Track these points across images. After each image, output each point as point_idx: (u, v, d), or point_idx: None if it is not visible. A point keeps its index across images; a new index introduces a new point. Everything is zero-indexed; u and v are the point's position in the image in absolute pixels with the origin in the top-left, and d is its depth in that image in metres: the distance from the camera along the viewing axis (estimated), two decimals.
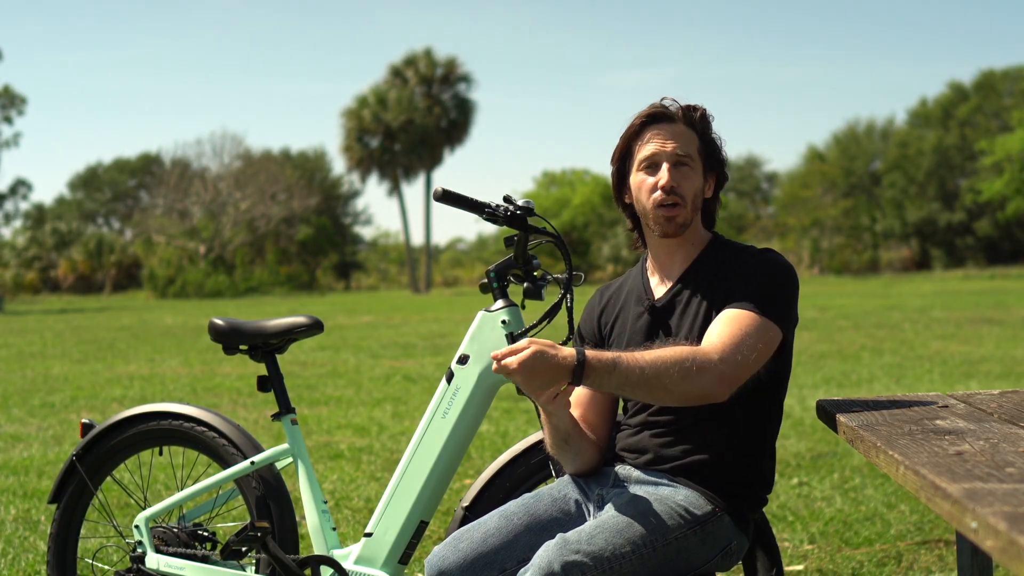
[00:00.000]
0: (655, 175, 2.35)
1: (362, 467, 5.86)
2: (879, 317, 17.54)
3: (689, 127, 2.37)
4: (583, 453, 2.41)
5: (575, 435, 2.39)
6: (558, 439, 2.39)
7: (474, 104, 48.68)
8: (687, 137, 2.36)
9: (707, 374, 2.16)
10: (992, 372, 9.28)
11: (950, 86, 53.87)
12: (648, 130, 2.37)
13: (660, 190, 2.33)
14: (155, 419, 3.14)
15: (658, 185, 2.33)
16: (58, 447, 6.73)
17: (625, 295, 2.50)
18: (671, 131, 2.36)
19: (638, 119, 2.39)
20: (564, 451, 2.41)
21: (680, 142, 2.35)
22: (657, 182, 2.34)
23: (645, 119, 2.38)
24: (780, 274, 2.31)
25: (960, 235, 51.85)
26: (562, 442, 2.39)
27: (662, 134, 2.36)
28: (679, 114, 2.37)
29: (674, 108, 2.38)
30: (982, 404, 2.32)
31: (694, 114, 2.37)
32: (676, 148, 2.34)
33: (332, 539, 2.87)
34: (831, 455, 5.83)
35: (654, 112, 2.37)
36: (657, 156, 2.35)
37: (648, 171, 2.37)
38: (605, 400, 2.48)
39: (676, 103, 2.39)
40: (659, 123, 2.37)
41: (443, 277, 56.95)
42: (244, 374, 10.72)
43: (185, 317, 25.05)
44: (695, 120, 2.37)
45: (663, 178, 2.33)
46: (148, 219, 54.62)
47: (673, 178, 2.33)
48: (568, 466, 2.44)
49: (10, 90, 46.37)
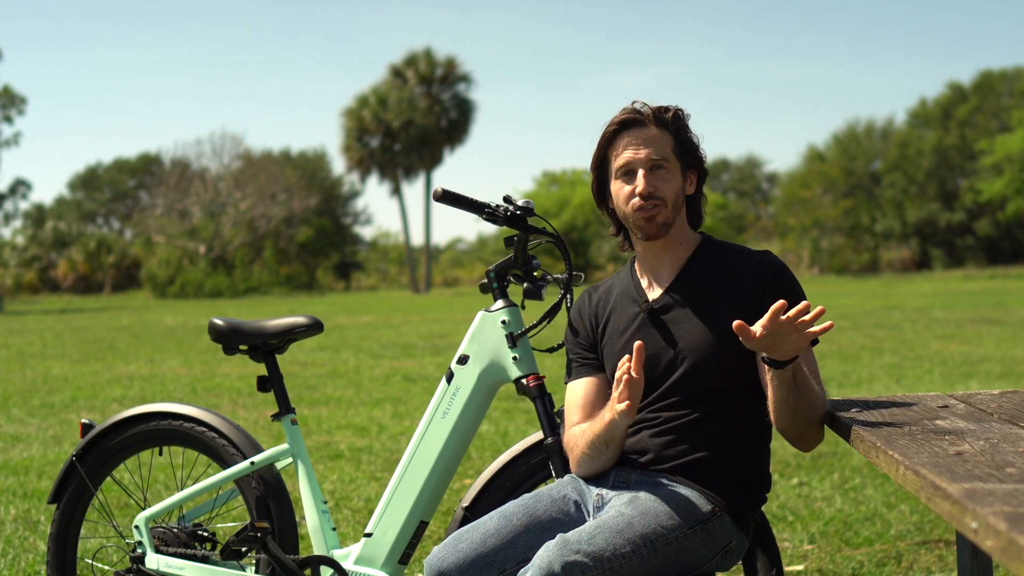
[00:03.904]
0: (632, 182, 2.36)
1: (362, 467, 5.86)
2: (879, 317, 17.54)
3: (662, 129, 2.37)
4: (611, 459, 2.38)
5: (620, 440, 2.36)
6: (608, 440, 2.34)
7: (474, 104, 48.65)
8: (661, 140, 2.36)
9: (825, 412, 2.26)
10: (992, 372, 9.28)
11: (949, 87, 53.84)
12: (621, 137, 2.38)
13: (638, 197, 2.34)
14: (155, 419, 3.14)
15: (635, 192, 2.34)
16: (58, 447, 6.73)
17: (615, 296, 2.49)
18: (644, 136, 2.36)
19: (610, 127, 2.39)
20: (602, 454, 2.37)
21: (654, 146, 2.35)
22: (634, 189, 2.35)
23: (617, 126, 2.38)
24: (799, 287, 2.36)
25: (960, 235, 51.84)
26: (605, 445, 2.35)
27: (635, 141, 2.36)
28: (650, 117, 2.37)
29: (645, 111, 2.38)
30: (982, 404, 2.32)
31: (666, 115, 2.38)
32: (650, 153, 2.35)
33: (332, 539, 2.87)
34: (831, 455, 5.83)
35: (625, 119, 2.38)
36: (632, 163, 2.36)
37: (625, 179, 2.38)
38: (604, 399, 2.48)
39: (647, 106, 2.39)
40: (631, 129, 2.37)
41: (443, 277, 56.93)
42: (244, 374, 10.72)
43: (185, 317, 25.05)
44: (667, 121, 2.38)
45: (639, 185, 2.34)
46: (148, 219, 54.58)
47: (650, 183, 2.34)
48: (591, 467, 2.40)
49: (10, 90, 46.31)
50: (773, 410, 2.21)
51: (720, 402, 2.33)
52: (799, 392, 2.17)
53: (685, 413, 2.34)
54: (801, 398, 2.17)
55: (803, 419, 2.21)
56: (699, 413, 2.33)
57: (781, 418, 2.21)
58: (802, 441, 2.28)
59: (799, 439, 2.27)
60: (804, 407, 2.19)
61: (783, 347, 2.09)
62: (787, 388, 2.16)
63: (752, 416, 2.34)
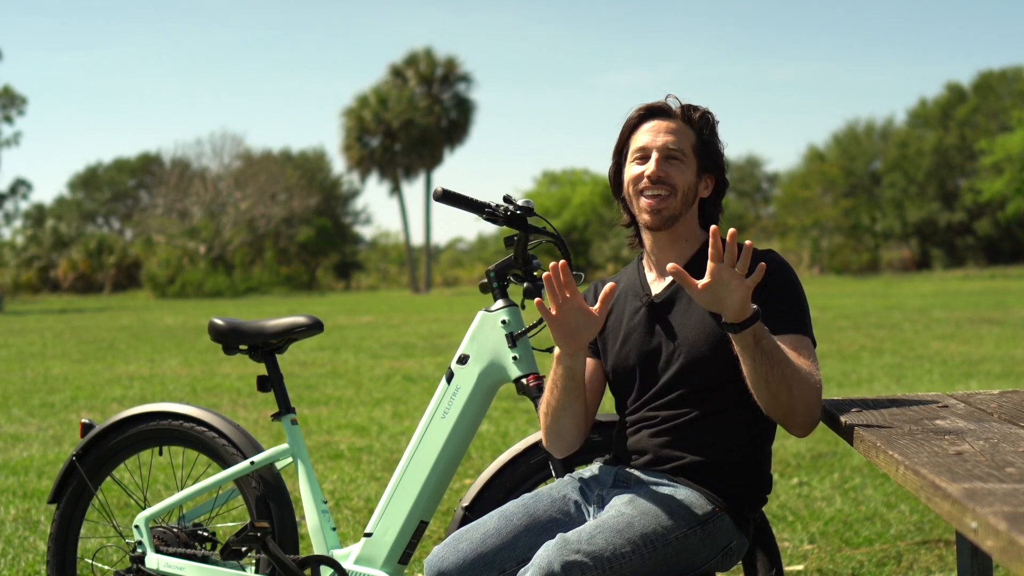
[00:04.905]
0: (644, 165, 2.36)
1: (362, 467, 5.86)
2: (879, 317, 17.53)
3: (687, 124, 2.38)
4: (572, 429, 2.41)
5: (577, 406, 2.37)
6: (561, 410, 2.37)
7: (474, 104, 48.67)
8: (683, 133, 2.37)
9: (817, 394, 2.20)
10: (992, 372, 9.28)
11: (948, 87, 53.86)
12: (644, 124, 2.39)
13: (647, 179, 2.34)
14: (155, 419, 3.13)
15: (644, 175, 2.35)
16: (58, 447, 6.73)
17: (621, 289, 2.50)
18: (666, 126, 2.37)
19: (636, 113, 2.41)
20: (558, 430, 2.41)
21: (674, 136, 2.36)
22: (643, 172, 2.35)
23: (643, 113, 2.40)
24: (799, 286, 2.35)
25: (960, 235, 51.84)
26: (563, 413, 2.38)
27: (656, 128, 2.37)
28: (678, 111, 2.39)
29: (675, 104, 2.39)
30: (982, 404, 2.32)
31: (694, 113, 2.39)
32: (668, 142, 2.35)
33: (332, 539, 2.87)
34: (831, 455, 5.83)
35: (652, 107, 2.39)
36: (648, 148, 2.36)
37: (639, 162, 2.38)
38: (595, 383, 2.50)
39: (679, 101, 2.40)
40: (656, 118, 2.39)
41: (443, 277, 56.93)
42: (244, 374, 10.72)
43: (185, 317, 25.04)
44: (693, 119, 2.38)
45: (650, 168, 2.35)
46: (148, 219, 54.57)
47: (661, 168, 2.34)
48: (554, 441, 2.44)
49: (10, 90, 46.32)
50: (751, 387, 2.19)
51: (719, 400, 2.32)
52: (769, 361, 2.13)
53: (684, 412, 2.34)
54: (773, 367, 2.13)
55: (783, 393, 2.15)
56: (698, 412, 2.33)
57: (759, 394, 2.17)
58: (790, 422, 2.22)
59: (786, 419, 2.21)
60: (778, 379, 2.14)
61: (728, 298, 2.08)
62: (753, 356, 2.13)
63: (753, 416, 2.33)
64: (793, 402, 2.17)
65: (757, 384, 2.17)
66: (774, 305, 2.28)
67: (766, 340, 2.13)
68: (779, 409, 2.19)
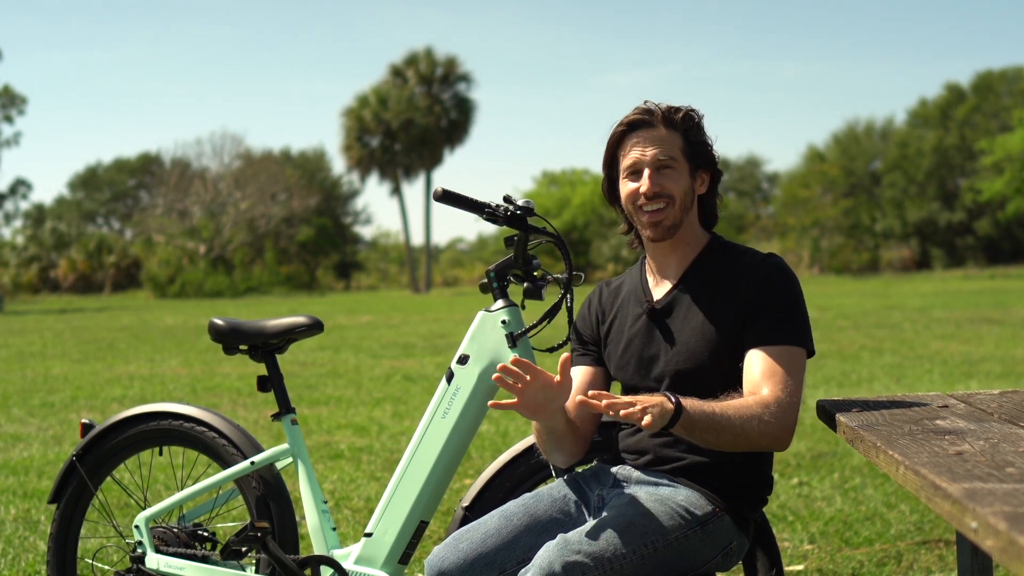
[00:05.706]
0: (638, 181, 2.36)
1: (362, 467, 5.86)
2: (879, 317, 17.54)
3: (671, 129, 2.36)
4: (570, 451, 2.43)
5: (568, 434, 2.39)
6: (552, 440, 2.40)
7: (474, 104, 48.65)
8: (669, 140, 2.36)
9: (776, 425, 2.17)
10: (992, 372, 9.28)
11: (947, 87, 53.85)
12: (629, 137, 2.38)
13: (643, 196, 2.34)
14: (155, 419, 3.13)
15: (640, 192, 2.34)
16: (58, 447, 6.73)
17: (624, 295, 2.50)
18: (651, 136, 2.35)
19: (618, 127, 2.39)
20: (554, 450, 2.44)
21: (661, 146, 2.35)
22: (639, 188, 2.35)
23: (625, 127, 2.38)
24: (798, 292, 2.34)
25: (960, 235, 51.83)
26: (554, 442, 2.40)
27: (642, 141, 2.36)
28: (659, 117, 2.36)
29: (655, 111, 2.37)
30: (982, 404, 2.32)
31: (676, 116, 2.36)
32: (657, 154, 2.34)
33: (332, 539, 2.87)
34: (831, 455, 5.83)
35: (633, 120, 2.37)
36: (638, 163, 2.36)
37: (632, 178, 2.38)
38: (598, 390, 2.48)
39: (657, 106, 2.38)
40: (639, 129, 2.37)
41: (443, 277, 56.92)
42: (244, 374, 10.72)
43: (185, 317, 25.05)
44: (676, 122, 2.36)
45: (644, 185, 2.34)
46: (148, 219, 54.56)
47: (655, 182, 2.34)
48: (556, 460, 2.47)
49: (10, 90, 46.32)
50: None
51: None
52: (713, 433, 2.14)
53: None
54: (719, 435, 2.14)
55: (739, 445, 2.18)
56: None
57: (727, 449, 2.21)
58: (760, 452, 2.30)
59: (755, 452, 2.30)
60: (728, 441, 2.16)
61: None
62: (694, 438, 2.15)
63: None
64: (751, 445, 2.19)
65: (713, 448, 2.21)
66: (769, 312, 2.28)
67: (699, 423, 2.12)
68: (743, 450, 2.22)
